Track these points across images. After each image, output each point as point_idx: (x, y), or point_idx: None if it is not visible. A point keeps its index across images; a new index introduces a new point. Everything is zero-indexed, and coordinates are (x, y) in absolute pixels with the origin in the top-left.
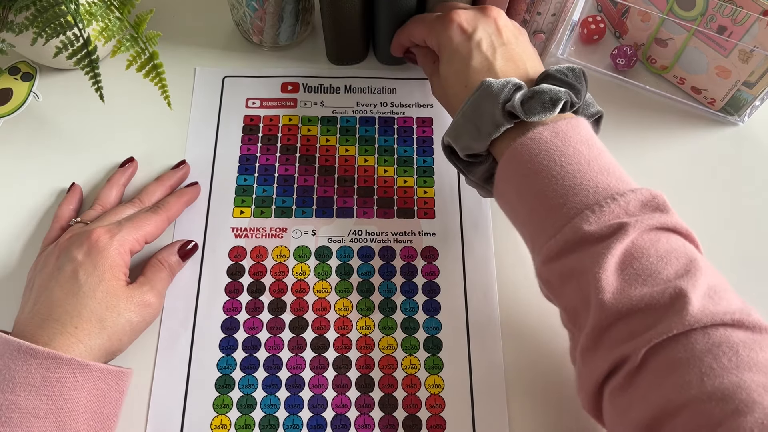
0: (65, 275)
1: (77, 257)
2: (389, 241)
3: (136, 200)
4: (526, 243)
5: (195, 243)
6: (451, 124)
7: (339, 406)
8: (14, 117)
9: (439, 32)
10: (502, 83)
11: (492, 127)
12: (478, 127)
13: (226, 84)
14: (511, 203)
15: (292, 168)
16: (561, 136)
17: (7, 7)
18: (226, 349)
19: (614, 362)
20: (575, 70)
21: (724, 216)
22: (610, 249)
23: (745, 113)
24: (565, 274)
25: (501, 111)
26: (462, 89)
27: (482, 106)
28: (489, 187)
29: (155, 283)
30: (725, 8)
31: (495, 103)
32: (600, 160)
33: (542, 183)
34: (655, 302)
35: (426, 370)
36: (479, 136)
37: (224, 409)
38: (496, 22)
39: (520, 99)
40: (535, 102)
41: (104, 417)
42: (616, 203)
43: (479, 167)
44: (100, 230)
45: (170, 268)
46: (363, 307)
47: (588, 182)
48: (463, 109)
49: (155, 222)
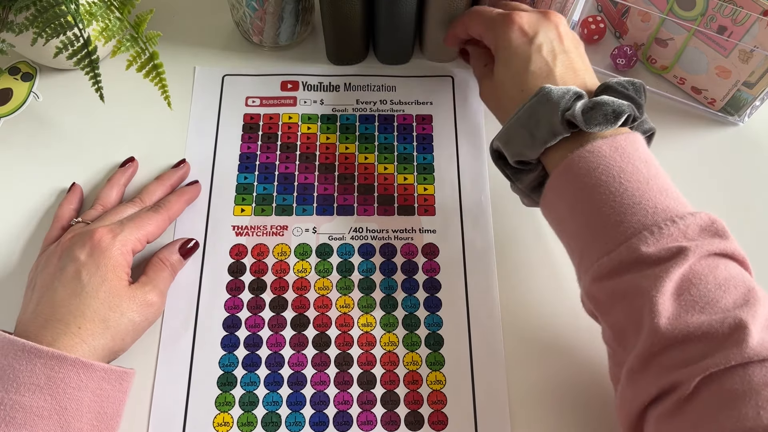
0: (68, 275)
1: (80, 257)
2: (390, 238)
3: (137, 200)
4: (572, 256)
5: (196, 241)
6: (502, 128)
7: (341, 403)
8: (14, 117)
9: (499, 31)
10: (562, 90)
11: (548, 134)
12: (533, 134)
13: (225, 82)
14: (561, 215)
15: (292, 166)
16: (620, 152)
17: (7, 7)
18: (228, 346)
19: (664, 388)
20: (636, 83)
21: (724, 216)
22: (668, 273)
23: (745, 113)
24: (617, 294)
25: (560, 119)
26: (518, 93)
27: (539, 112)
28: (535, 196)
29: (157, 282)
30: (725, 8)
31: (554, 110)
32: (658, 179)
33: (599, 199)
34: (714, 331)
35: (427, 367)
36: (533, 143)
37: (226, 406)
38: (558, 29)
39: (581, 108)
40: (597, 113)
41: (107, 417)
42: (676, 226)
43: (528, 175)
44: (102, 230)
45: (172, 267)
46: (364, 304)
47: (647, 202)
48: (518, 113)
49: (157, 221)
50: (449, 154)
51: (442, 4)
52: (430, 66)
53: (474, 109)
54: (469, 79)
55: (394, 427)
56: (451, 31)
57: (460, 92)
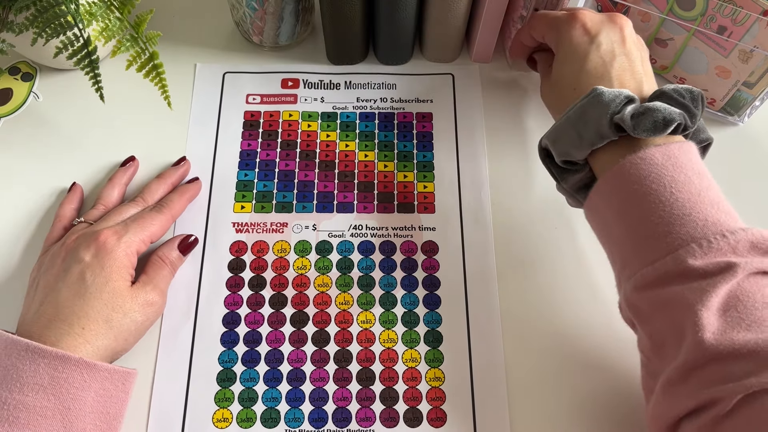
0: (72, 276)
1: (85, 258)
2: (389, 235)
3: (138, 199)
4: (613, 263)
5: (195, 237)
6: (552, 127)
7: (340, 400)
8: (14, 117)
9: (561, 29)
10: (614, 93)
11: (596, 136)
12: (581, 134)
13: (226, 80)
14: (606, 220)
15: (292, 163)
16: (673, 161)
17: (7, 7)
18: (228, 343)
19: (702, 402)
20: (694, 92)
21: None
22: (715, 287)
23: (745, 113)
24: (660, 304)
25: (608, 122)
26: (570, 92)
27: (588, 113)
28: (580, 197)
29: (158, 281)
30: (725, 8)
31: (603, 112)
32: (710, 192)
33: (648, 207)
34: (760, 350)
35: (426, 363)
36: (580, 144)
37: (226, 402)
38: (622, 30)
39: (631, 113)
40: (647, 119)
41: (110, 417)
42: (726, 240)
43: (574, 175)
44: (107, 231)
45: (171, 265)
46: (363, 301)
47: (698, 214)
48: (568, 113)
49: (160, 221)
50: (449, 151)
51: (442, 4)
52: (431, 64)
53: (474, 107)
54: (469, 77)
55: (393, 424)
56: (515, 39)
57: (461, 90)
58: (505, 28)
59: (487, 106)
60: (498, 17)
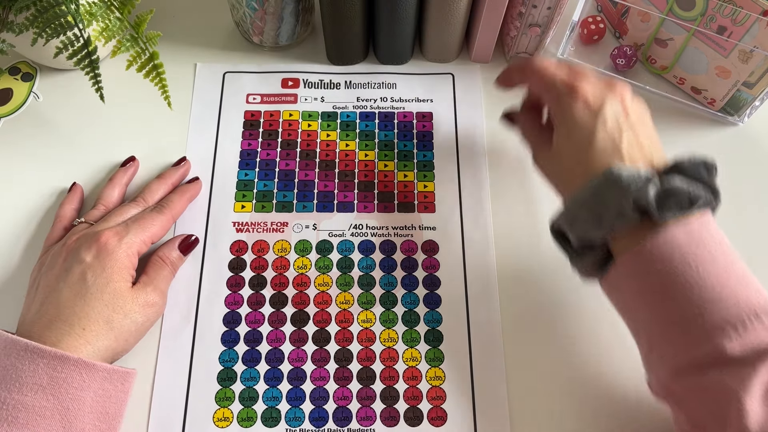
0: (73, 277)
1: (86, 259)
2: (390, 235)
3: (139, 199)
4: (638, 340)
5: (195, 237)
6: (565, 209)
7: (340, 399)
8: (14, 117)
9: (562, 102)
10: (632, 175)
11: (618, 219)
12: (600, 217)
13: (226, 80)
14: (628, 301)
15: (292, 163)
16: (696, 239)
17: (8, 8)
18: (228, 342)
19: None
20: (708, 164)
21: (723, 216)
22: (757, 373)
23: (745, 113)
24: (698, 390)
25: (631, 206)
26: (580, 168)
27: (607, 196)
28: (596, 273)
29: (158, 282)
30: (725, 8)
31: (624, 195)
32: (735, 267)
33: (675, 290)
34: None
35: (427, 363)
36: (600, 226)
37: (226, 401)
38: (623, 101)
39: (655, 197)
40: (672, 202)
41: (109, 417)
42: (760, 321)
43: (589, 255)
44: (108, 232)
45: (172, 265)
46: (364, 301)
47: (728, 295)
48: (583, 195)
49: (161, 222)
50: (449, 151)
51: (442, 4)
52: (431, 64)
53: (474, 107)
54: (469, 77)
55: (393, 423)
56: (507, 71)
57: (461, 90)
58: (505, 28)
59: (487, 105)
60: (498, 17)
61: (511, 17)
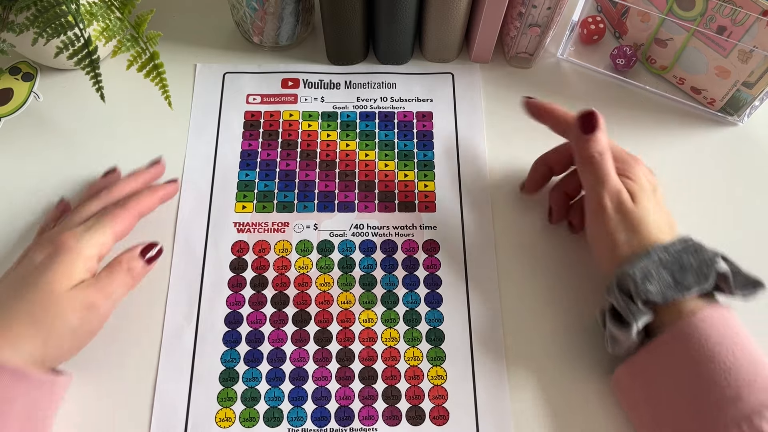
0: (17, 275)
1: (36, 259)
2: (390, 234)
3: (102, 194)
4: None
5: (161, 246)
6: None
7: (342, 398)
8: (15, 117)
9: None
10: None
11: (695, 283)
12: (676, 279)
13: (226, 80)
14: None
15: (293, 163)
16: (729, 322)
17: (8, 7)
18: (230, 342)
19: None
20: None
21: (723, 216)
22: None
23: (744, 113)
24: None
25: (714, 273)
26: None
27: (685, 260)
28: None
29: (104, 284)
30: (725, 8)
31: (706, 262)
32: (760, 351)
33: (712, 371)
34: None
35: (428, 362)
36: (675, 288)
37: (229, 402)
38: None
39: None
40: (742, 279)
41: (36, 421)
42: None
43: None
44: (65, 234)
45: (129, 271)
46: (365, 300)
47: (763, 380)
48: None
49: (124, 218)
50: (449, 150)
51: (442, 4)
52: (431, 64)
53: (474, 106)
54: (469, 76)
55: (395, 422)
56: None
57: (461, 89)
58: (505, 27)
59: (487, 105)
60: (498, 17)
61: (511, 17)
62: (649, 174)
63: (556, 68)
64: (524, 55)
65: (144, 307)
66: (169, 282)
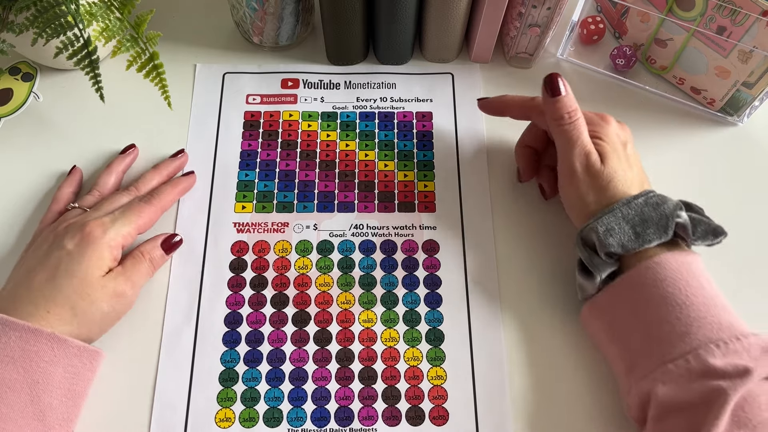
0: (51, 262)
1: (67, 246)
2: (390, 234)
3: (132, 188)
4: (619, 361)
5: (180, 237)
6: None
7: (342, 399)
8: (14, 117)
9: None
10: (670, 200)
11: (655, 236)
12: (637, 232)
13: (226, 80)
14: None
15: (293, 163)
16: (686, 267)
17: (8, 8)
18: (230, 342)
19: None
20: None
21: (723, 216)
22: (735, 389)
23: (744, 113)
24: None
25: (673, 225)
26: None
27: (647, 214)
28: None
29: (131, 274)
30: (725, 9)
31: (666, 215)
32: (719, 299)
33: (665, 309)
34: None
35: (428, 362)
36: (635, 240)
37: (228, 402)
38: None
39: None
40: (702, 228)
41: (76, 395)
42: (740, 343)
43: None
44: (94, 223)
45: (151, 261)
46: (365, 300)
47: (713, 318)
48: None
49: (148, 213)
50: (449, 150)
51: (442, 4)
52: (430, 64)
53: (474, 106)
54: (469, 76)
55: (395, 423)
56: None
57: (460, 89)
58: (505, 28)
59: None
60: (497, 17)
61: (510, 17)
62: (621, 130)
63: (556, 68)
64: (524, 55)
65: (144, 307)
66: (168, 282)
